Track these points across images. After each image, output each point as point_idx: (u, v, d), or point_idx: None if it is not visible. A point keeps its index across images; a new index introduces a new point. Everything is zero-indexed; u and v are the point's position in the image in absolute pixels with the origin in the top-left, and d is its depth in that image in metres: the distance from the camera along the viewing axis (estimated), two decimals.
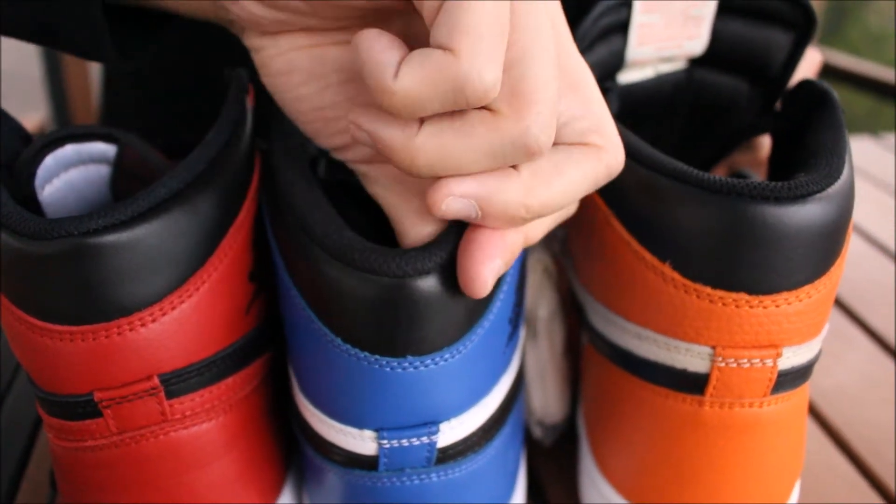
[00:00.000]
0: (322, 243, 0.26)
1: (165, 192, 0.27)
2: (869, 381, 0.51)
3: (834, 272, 0.29)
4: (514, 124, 0.23)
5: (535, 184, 0.25)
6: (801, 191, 0.27)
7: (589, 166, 0.26)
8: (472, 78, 0.22)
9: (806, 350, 0.30)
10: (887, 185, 0.80)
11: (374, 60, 0.23)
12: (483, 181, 0.24)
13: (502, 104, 0.23)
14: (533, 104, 0.23)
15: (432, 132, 0.24)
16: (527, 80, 0.23)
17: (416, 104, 0.22)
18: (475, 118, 0.23)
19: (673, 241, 0.29)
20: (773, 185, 0.27)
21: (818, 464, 0.44)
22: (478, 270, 0.25)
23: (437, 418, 0.28)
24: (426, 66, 0.22)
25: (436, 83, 0.22)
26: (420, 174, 0.24)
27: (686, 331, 0.30)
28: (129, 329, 0.27)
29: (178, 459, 0.29)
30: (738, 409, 0.30)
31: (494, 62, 0.22)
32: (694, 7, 0.38)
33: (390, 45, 0.23)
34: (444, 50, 0.22)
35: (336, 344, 0.26)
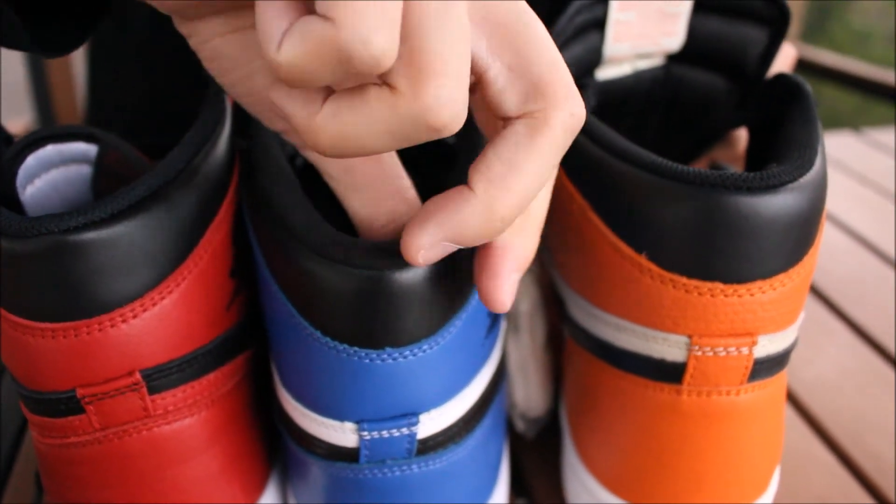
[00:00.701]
0: (301, 238, 0.26)
1: (145, 189, 0.27)
2: (849, 372, 0.51)
3: (807, 261, 0.30)
4: (412, 101, 0.21)
5: (495, 194, 0.23)
6: (774, 181, 0.28)
7: (542, 144, 0.23)
8: (356, 47, 0.20)
9: (781, 338, 0.31)
10: (868, 180, 0.81)
11: (261, 31, 0.21)
12: (442, 220, 0.24)
13: (400, 79, 0.21)
14: (432, 77, 0.21)
15: (332, 111, 0.22)
16: (424, 51, 0.21)
17: (303, 76, 0.21)
18: (373, 95, 0.22)
19: (649, 232, 0.29)
20: (747, 175, 0.28)
21: (798, 452, 0.44)
22: (497, 293, 0.25)
23: (417, 409, 0.28)
24: (307, 37, 0.20)
25: (319, 54, 0.20)
26: (327, 154, 0.23)
27: (663, 321, 0.30)
28: (111, 325, 0.27)
29: (161, 455, 0.30)
30: (716, 397, 0.31)
31: (382, 28, 0.20)
32: (670, 4, 0.39)
33: (279, 13, 0.21)
34: (324, 18, 0.20)
35: (316, 337, 0.27)
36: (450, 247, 0.24)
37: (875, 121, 2.34)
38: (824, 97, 2.79)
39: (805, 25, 2.02)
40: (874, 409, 0.48)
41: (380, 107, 0.21)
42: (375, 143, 0.22)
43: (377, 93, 0.21)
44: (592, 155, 0.31)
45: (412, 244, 0.24)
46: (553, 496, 0.41)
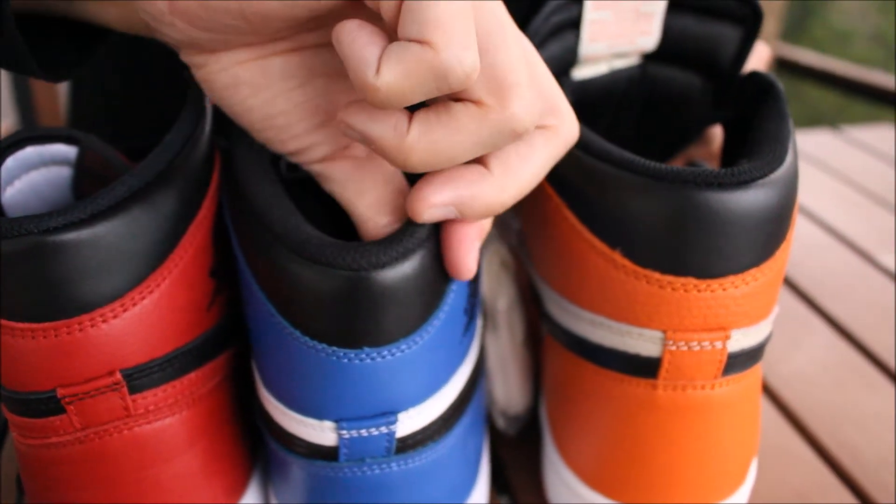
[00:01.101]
0: (280, 238, 0.27)
1: (125, 190, 0.28)
2: (826, 366, 0.52)
3: (779, 256, 0.30)
4: (499, 112, 0.24)
5: (507, 178, 0.26)
6: (745, 177, 0.28)
7: (550, 148, 0.27)
8: (453, 65, 0.22)
9: (755, 332, 0.31)
10: (846, 177, 0.81)
11: (355, 57, 0.23)
12: (459, 187, 0.26)
13: (483, 93, 0.24)
14: (513, 88, 0.24)
15: (422, 130, 0.24)
16: (500, 66, 0.24)
17: (400, 97, 0.23)
18: (461, 111, 0.24)
19: (622, 228, 0.30)
20: (718, 171, 0.28)
21: (777, 447, 0.45)
22: (465, 260, 0.27)
23: (396, 408, 0.29)
24: (406, 60, 0.22)
25: (418, 75, 0.22)
26: (415, 170, 0.25)
27: (637, 316, 0.30)
28: (91, 325, 0.27)
29: (143, 454, 0.30)
30: (691, 391, 0.31)
31: (469, 48, 0.23)
32: (644, 4, 0.39)
33: (370, 39, 0.23)
34: (419, 43, 0.22)
35: (295, 336, 0.27)
36: (452, 213, 0.27)
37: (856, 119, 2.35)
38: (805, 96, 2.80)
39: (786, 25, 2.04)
40: (852, 403, 0.49)
41: (469, 121, 0.24)
42: (466, 154, 0.25)
43: (465, 109, 0.24)
44: (568, 153, 0.31)
45: (423, 199, 0.26)
46: (533, 493, 0.41)
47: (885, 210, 0.74)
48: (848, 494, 0.42)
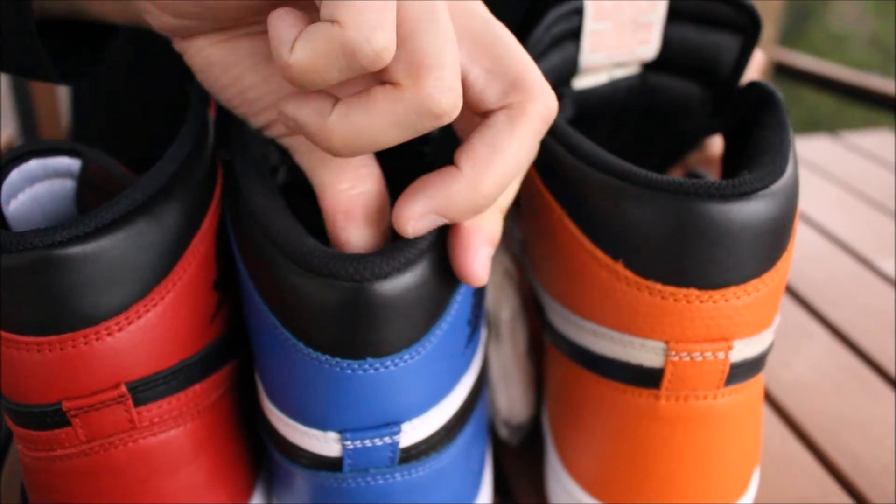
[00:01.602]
0: (283, 250, 0.27)
1: (129, 203, 0.28)
2: (827, 373, 0.52)
3: (781, 266, 0.30)
4: (414, 92, 0.24)
5: (479, 173, 0.26)
6: (746, 188, 0.28)
7: (521, 130, 0.27)
8: (361, 43, 0.23)
9: (757, 342, 0.31)
10: (845, 183, 0.82)
11: (274, 38, 0.24)
12: (431, 194, 0.26)
13: (402, 76, 0.24)
14: (430, 69, 0.24)
15: (342, 112, 0.25)
16: (420, 49, 0.24)
17: (312, 75, 0.24)
18: (379, 93, 0.24)
19: (624, 239, 0.30)
20: (719, 183, 0.28)
21: (778, 454, 0.45)
22: (471, 266, 0.28)
23: (399, 419, 0.29)
24: (316, 39, 0.23)
25: (327, 53, 0.23)
26: (340, 153, 0.25)
27: (640, 327, 0.30)
28: (96, 339, 0.27)
29: (148, 466, 0.30)
30: (693, 401, 0.31)
31: (381, 27, 0.23)
32: (644, 13, 0.39)
33: (293, 22, 0.24)
34: (330, 22, 0.23)
35: (298, 348, 0.27)
36: (438, 220, 0.27)
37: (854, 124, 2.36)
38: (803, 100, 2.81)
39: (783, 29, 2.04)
40: (852, 409, 0.49)
41: (386, 102, 0.24)
42: (385, 136, 0.25)
43: (382, 91, 0.24)
44: (569, 164, 0.32)
45: (402, 214, 0.27)
46: (536, 502, 0.41)
47: (884, 216, 0.74)
48: (849, 501, 0.42)
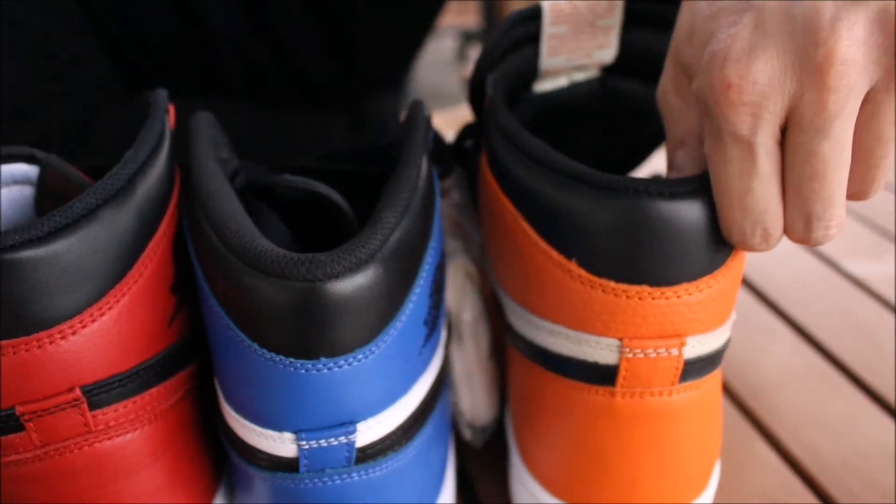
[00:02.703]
0: (236, 252, 0.27)
1: (83, 208, 0.28)
2: (791, 372, 0.53)
3: (733, 263, 0.31)
4: None
5: None
6: (694, 186, 0.29)
7: None
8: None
9: (711, 339, 0.32)
10: None
11: None
12: None
13: None
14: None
15: None
16: None
17: None
18: None
19: (577, 239, 0.30)
20: (668, 181, 0.29)
21: (741, 452, 0.46)
22: None
23: (354, 418, 0.29)
24: None
25: None
26: None
27: (594, 324, 0.31)
28: (50, 342, 0.27)
29: (104, 470, 0.30)
30: (649, 398, 0.32)
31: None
32: (602, 17, 0.40)
33: None
34: None
35: (253, 349, 0.27)
36: None
37: None
38: None
39: None
40: (816, 408, 0.49)
41: None
42: None
43: None
44: (522, 166, 0.32)
45: None
46: (500, 502, 0.42)
47: (849, 217, 0.75)
48: (811, 496, 0.43)
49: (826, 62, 0.25)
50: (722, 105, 0.27)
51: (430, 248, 0.32)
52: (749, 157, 0.28)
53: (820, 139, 0.26)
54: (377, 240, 0.27)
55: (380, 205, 0.29)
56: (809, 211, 0.28)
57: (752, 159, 0.28)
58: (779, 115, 0.27)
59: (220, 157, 0.34)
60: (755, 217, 0.28)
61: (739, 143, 0.27)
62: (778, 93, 0.26)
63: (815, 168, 0.27)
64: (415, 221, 0.30)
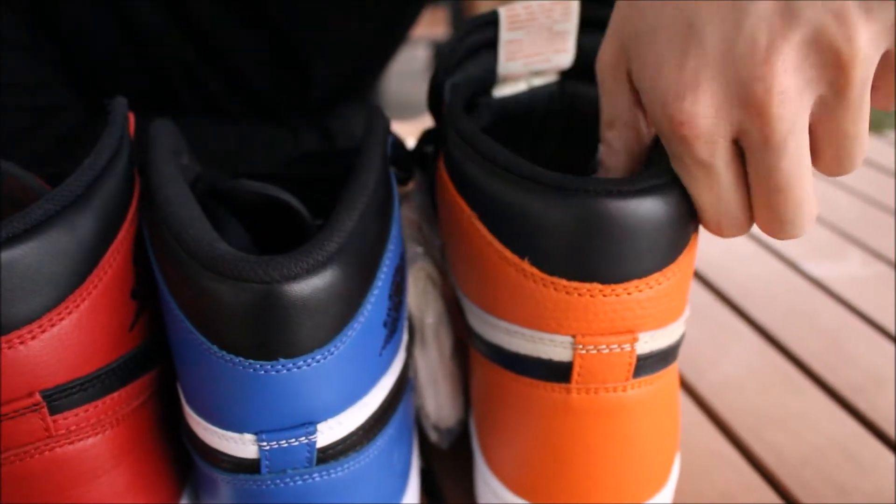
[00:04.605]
0: (195, 255, 0.27)
1: (42, 213, 0.28)
2: (753, 372, 0.53)
3: (683, 260, 0.31)
4: None
5: None
6: (642, 185, 0.29)
7: None
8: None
9: (663, 335, 0.32)
10: None
11: None
12: None
13: None
14: None
15: None
16: None
17: None
18: None
19: (529, 238, 0.31)
20: (616, 180, 0.29)
21: (702, 449, 0.46)
22: None
23: (314, 419, 0.29)
24: None
25: None
26: None
27: (548, 322, 0.31)
28: (8, 347, 0.27)
29: (65, 475, 0.30)
30: (604, 393, 0.32)
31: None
32: (558, 22, 0.40)
33: None
34: None
35: (212, 351, 0.28)
36: None
37: None
38: None
39: None
40: (777, 407, 0.50)
41: None
42: None
43: None
44: (477, 167, 0.32)
45: None
46: (466, 502, 0.42)
47: None
48: (771, 493, 0.43)
49: (766, 95, 0.26)
50: (677, 138, 0.29)
51: (389, 250, 0.32)
52: (712, 174, 0.29)
53: (776, 158, 0.28)
54: (334, 242, 0.28)
55: (337, 208, 0.30)
56: (781, 217, 0.29)
57: (715, 176, 0.29)
58: (731, 136, 0.28)
59: (180, 163, 0.34)
60: (729, 217, 0.31)
61: (700, 166, 0.29)
62: (726, 121, 0.28)
63: (779, 182, 0.28)
64: (371, 224, 0.31)
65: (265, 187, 0.36)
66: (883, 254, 0.69)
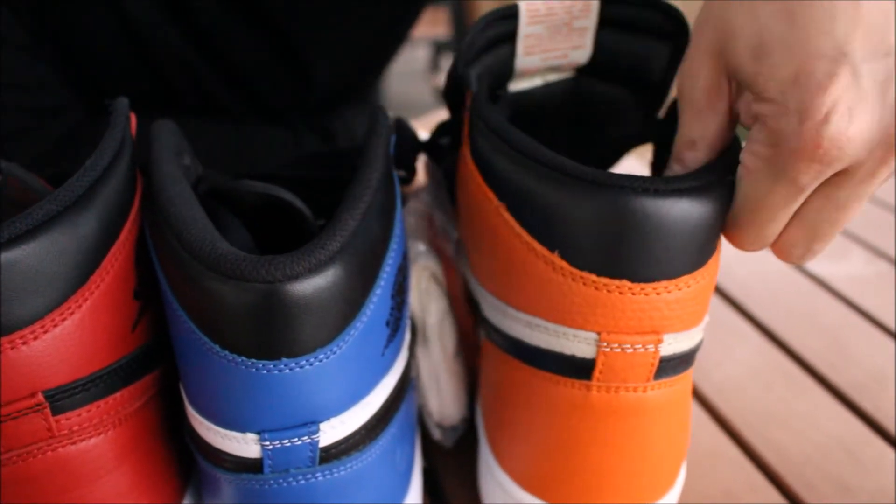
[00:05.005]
0: (197, 255, 0.27)
1: (43, 214, 0.28)
2: (755, 371, 0.53)
3: (711, 265, 0.31)
4: None
5: None
6: (679, 185, 0.29)
7: None
8: None
9: (686, 338, 0.32)
10: None
11: None
12: None
13: None
14: None
15: None
16: None
17: None
18: None
19: (560, 231, 0.30)
20: (654, 178, 0.29)
21: (707, 450, 0.46)
22: None
23: (317, 418, 0.29)
24: None
25: None
26: None
27: (574, 317, 0.31)
28: (11, 348, 0.27)
29: (67, 475, 0.30)
30: (624, 393, 0.32)
31: None
32: (577, 18, 0.40)
33: None
34: None
35: (215, 351, 0.28)
36: None
37: None
38: None
39: None
40: (780, 406, 0.50)
41: None
42: None
43: None
44: (507, 157, 0.32)
45: None
46: (468, 502, 0.42)
47: None
48: (774, 492, 0.43)
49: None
50: (802, 158, 0.27)
51: (391, 249, 0.32)
52: (793, 198, 0.29)
53: (856, 198, 0.28)
54: (336, 241, 0.28)
55: (339, 207, 0.30)
56: (813, 245, 0.30)
57: (795, 201, 0.29)
58: None
59: (182, 163, 0.34)
60: (764, 236, 0.31)
61: (792, 187, 0.28)
62: (854, 157, 0.27)
63: (838, 217, 0.29)
64: (374, 223, 0.30)
65: (267, 187, 0.36)
66: (885, 252, 0.69)
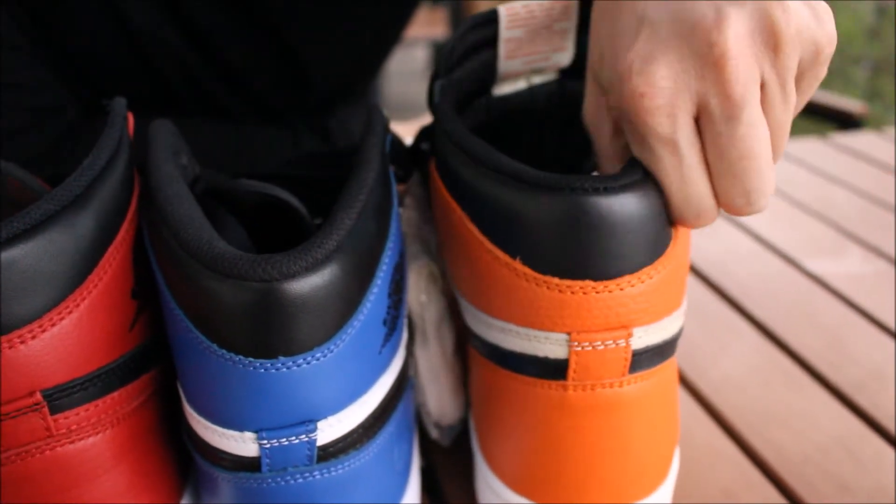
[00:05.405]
0: (194, 254, 0.27)
1: (41, 213, 0.28)
2: (753, 369, 0.53)
3: (672, 253, 0.31)
4: None
5: None
6: (625, 181, 0.30)
7: None
8: None
9: (657, 329, 0.32)
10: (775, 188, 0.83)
11: None
12: None
13: None
14: None
15: None
16: None
17: None
18: None
19: (520, 237, 0.31)
20: (601, 177, 0.30)
21: (704, 448, 0.46)
22: None
23: (314, 416, 0.29)
24: None
25: None
26: None
27: (543, 321, 0.31)
28: (9, 347, 0.27)
29: (66, 474, 0.30)
30: (600, 390, 0.32)
31: None
32: (557, 21, 0.41)
33: None
34: None
35: (212, 350, 0.28)
36: None
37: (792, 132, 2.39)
38: None
39: None
40: (777, 404, 0.50)
41: None
42: None
43: None
44: (466, 167, 0.32)
45: None
46: (466, 501, 0.42)
47: (811, 218, 0.76)
48: (773, 491, 0.43)
49: (721, 59, 0.28)
50: (639, 113, 0.30)
51: (388, 248, 0.32)
52: (675, 152, 0.30)
53: (735, 125, 0.29)
54: (333, 240, 0.28)
55: (336, 206, 0.30)
56: (748, 187, 0.30)
57: (678, 154, 0.30)
58: (691, 111, 0.30)
59: (179, 163, 0.34)
60: (696, 198, 0.31)
61: (663, 143, 0.30)
62: (685, 91, 0.29)
63: (741, 150, 0.29)
64: (371, 222, 0.31)
65: (265, 186, 0.36)
66: (883, 251, 0.69)
